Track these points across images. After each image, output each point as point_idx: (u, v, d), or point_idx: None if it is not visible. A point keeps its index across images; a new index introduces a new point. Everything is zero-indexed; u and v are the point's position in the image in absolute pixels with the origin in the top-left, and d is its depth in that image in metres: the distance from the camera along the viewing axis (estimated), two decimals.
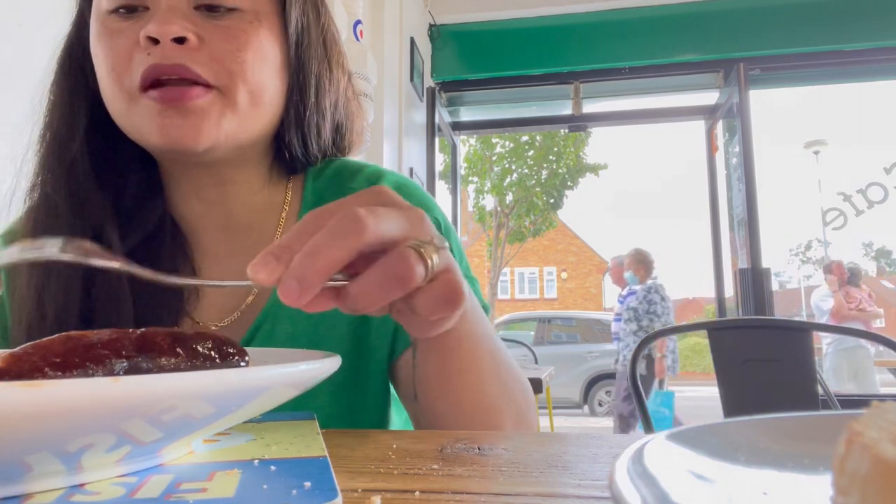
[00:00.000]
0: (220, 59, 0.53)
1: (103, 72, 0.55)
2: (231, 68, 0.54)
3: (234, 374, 0.26)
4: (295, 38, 0.60)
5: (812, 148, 18.17)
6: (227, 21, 0.54)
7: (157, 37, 0.51)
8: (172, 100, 0.51)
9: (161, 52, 0.51)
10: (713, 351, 1.66)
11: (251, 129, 0.58)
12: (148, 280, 0.34)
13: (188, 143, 0.53)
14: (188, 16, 0.53)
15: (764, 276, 3.25)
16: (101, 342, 0.31)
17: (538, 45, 3.69)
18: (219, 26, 0.54)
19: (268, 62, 0.57)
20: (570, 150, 14.07)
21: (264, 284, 0.32)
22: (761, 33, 3.46)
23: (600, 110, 4.21)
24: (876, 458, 0.15)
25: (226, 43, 0.54)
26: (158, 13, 0.52)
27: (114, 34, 0.54)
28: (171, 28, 0.50)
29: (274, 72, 0.58)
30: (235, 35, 0.54)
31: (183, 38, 0.51)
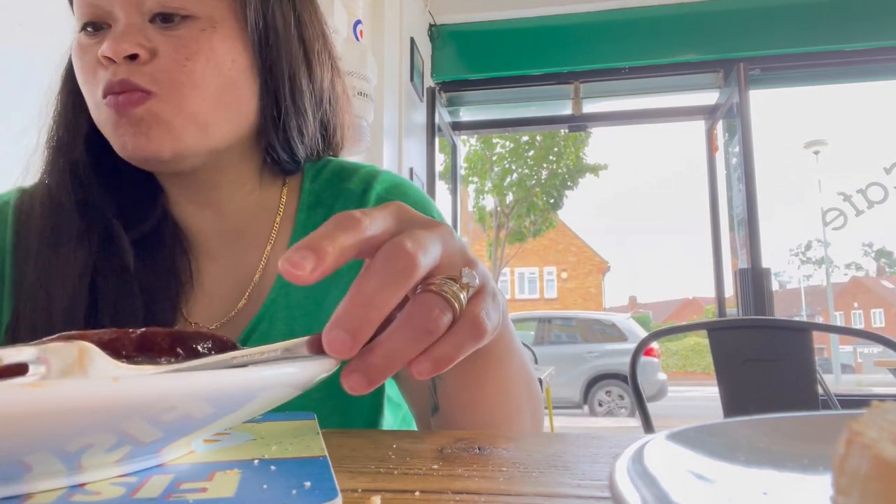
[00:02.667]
0: (167, 70, 0.54)
1: (81, 85, 0.58)
2: (178, 78, 0.54)
3: (234, 374, 0.26)
4: (257, 40, 0.59)
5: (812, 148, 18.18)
6: (180, 31, 0.55)
7: (110, 55, 0.53)
8: (117, 107, 0.54)
9: (115, 69, 0.54)
10: (713, 351, 1.66)
11: (218, 135, 0.58)
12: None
13: (147, 151, 0.54)
14: (143, 30, 0.55)
15: (764, 276, 3.25)
16: (102, 342, 0.31)
17: (538, 45, 3.69)
18: (171, 37, 0.55)
19: (224, 67, 0.57)
20: (570, 150, 14.07)
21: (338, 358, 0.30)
22: (761, 33, 3.46)
23: (600, 110, 4.22)
24: (876, 458, 0.15)
25: (175, 53, 0.55)
26: (113, 33, 0.54)
27: (83, 51, 0.56)
28: (120, 47, 0.53)
29: (238, 75, 0.58)
30: (186, 44, 0.55)
31: (135, 55, 0.53)
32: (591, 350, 9.53)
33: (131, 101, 0.53)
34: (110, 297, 0.58)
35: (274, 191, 0.66)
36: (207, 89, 0.56)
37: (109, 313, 0.57)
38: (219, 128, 0.57)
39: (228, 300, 0.62)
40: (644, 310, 35.08)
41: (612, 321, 10.19)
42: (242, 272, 0.63)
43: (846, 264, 35.99)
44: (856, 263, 36.28)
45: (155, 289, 0.59)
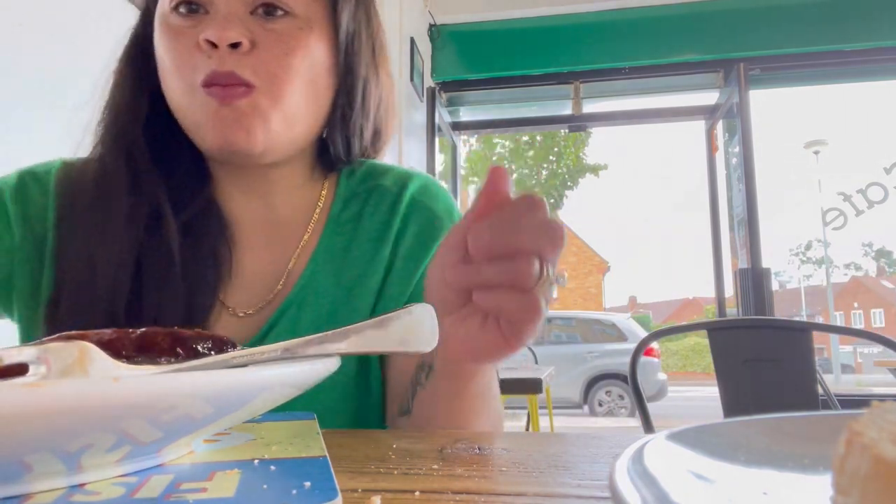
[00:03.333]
0: (268, 63, 0.56)
1: (166, 67, 0.57)
2: (276, 72, 0.56)
3: (234, 374, 0.26)
4: (345, 44, 0.62)
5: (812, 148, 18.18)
6: (279, 25, 0.57)
7: (215, 41, 0.54)
8: (222, 98, 0.55)
9: (218, 56, 0.54)
10: (713, 351, 1.66)
11: (298, 130, 0.60)
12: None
13: (240, 145, 0.56)
14: (244, 20, 0.56)
15: (764, 276, 3.25)
16: (102, 342, 0.31)
17: (538, 45, 3.69)
18: (272, 31, 0.57)
19: (315, 66, 0.59)
20: (570, 150, 14.08)
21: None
22: (761, 33, 3.46)
23: (600, 110, 4.22)
24: (876, 458, 0.15)
25: (275, 47, 0.56)
26: (217, 18, 0.55)
27: (176, 33, 0.56)
28: (228, 34, 0.54)
29: (321, 75, 0.60)
30: (286, 40, 0.57)
31: (238, 43, 0.55)
32: (591, 350, 9.52)
33: (236, 94, 0.55)
34: (153, 278, 0.58)
35: (316, 186, 0.69)
36: (300, 85, 0.58)
37: (152, 295, 0.57)
38: (302, 123, 0.60)
39: (265, 288, 0.63)
40: (644, 310, 35.08)
41: (612, 321, 10.18)
42: (279, 261, 0.64)
43: (846, 264, 36.00)
44: (855, 263, 36.27)
45: (196, 273, 0.60)
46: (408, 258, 0.65)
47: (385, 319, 0.34)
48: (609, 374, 9.15)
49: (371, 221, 0.66)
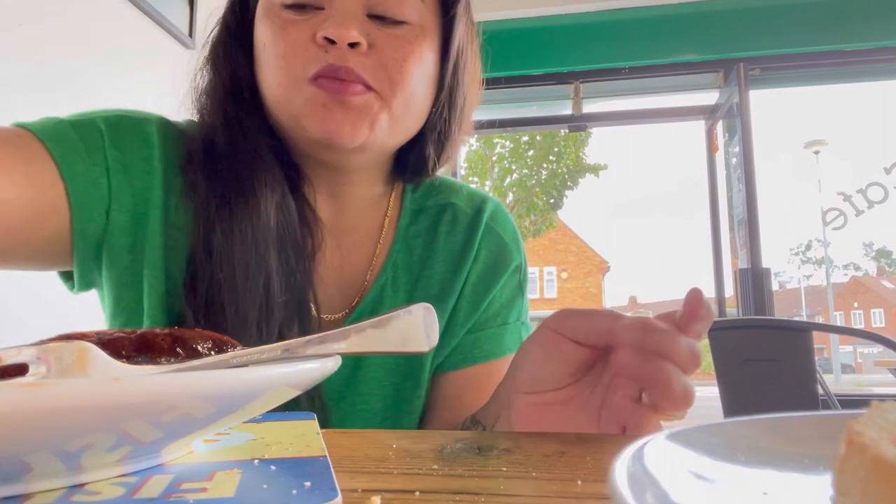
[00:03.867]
0: (385, 66, 0.56)
1: (271, 58, 0.57)
2: (393, 76, 0.57)
3: (234, 374, 0.26)
4: (455, 56, 0.62)
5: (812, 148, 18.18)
6: (396, 31, 0.58)
7: (335, 39, 0.54)
8: (336, 92, 0.54)
9: (337, 52, 0.54)
10: (713, 351, 1.66)
11: (399, 135, 0.61)
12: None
13: (343, 138, 0.55)
14: (362, 22, 0.56)
15: (764, 276, 3.25)
16: (102, 342, 0.31)
17: (538, 45, 3.69)
18: (389, 35, 0.57)
19: (425, 75, 0.60)
20: (570, 150, 14.07)
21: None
22: (761, 33, 3.46)
23: (600, 110, 4.21)
24: (876, 458, 0.15)
25: (393, 52, 0.57)
26: (336, 16, 0.55)
27: (288, 25, 0.56)
28: (350, 33, 0.54)
29: (428, 85, 0.61)
30: (402, 45, 0.57)
31: (356, 43, 0.55)
32: None
33: (353, 90, 0.55)
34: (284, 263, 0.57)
35: (385, 194, 0.69)
36: (410, 92, 0.58)
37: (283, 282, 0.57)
38: (402, 128, 0.60)
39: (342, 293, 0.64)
40: (644, 310, 35.08)
41: None
42: (348, 266, 0.66)
43: (846, 264, 36.00)
44: (855, 263, 36.27)
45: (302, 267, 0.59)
46: (477, 284, 0.66)
47: (385, 319, 0.34)
48: None
49: (447, 241, 0.67)
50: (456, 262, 0.66)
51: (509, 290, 0.68)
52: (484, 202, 0.70)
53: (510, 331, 0.67)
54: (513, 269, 0.69)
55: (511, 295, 0.68)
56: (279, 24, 0.57)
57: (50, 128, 0.54)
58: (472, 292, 0.66)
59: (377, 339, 0.34)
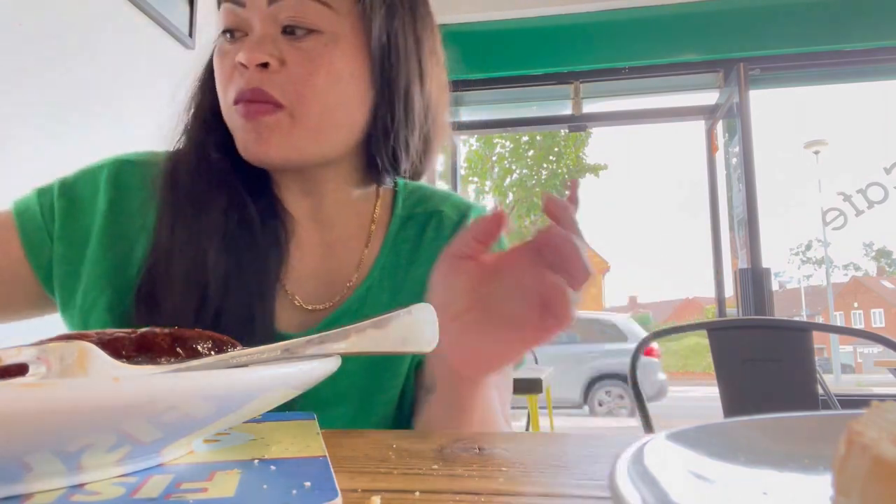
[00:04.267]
0: (294, 83, 0.59)
1: (217, 85, 0.63)
2: (302, 91, 0.59)
3: (234, 374, 0.26)
4: (378, 56, 0.63)
5: (812, 148, 18.18)
6: (306, 43, 0.60)
7: (245, 63, 0.58)
8: (246, 115, 0.59)
9: (249, 75, 0.59)
10: (713, 351, 1.66)
11: (326, 144, 0.62)
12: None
13: (261, 156, 0.60)
14: (276, 40, 0.59)
15: (764, 276, 3.25)
16: (102, 342, 0.31)
17: (538, 45, 3.69)
18: (299, 49, 0.59)
19: (342, 81, 0.61)
20: (570, 150, 14.07)
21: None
22: (761, 33, 3.46)
23: (600, 110, 4.21)
24: (876, 458, 0.15)
25: (300, 67, 0.59)
26: (249, 41, 0.60)
27: (223, 55, 0.62)
28: (255, 56, 0.58)
29: (355, 86, 0.62)
30: (312, 58, 0.59)
31: (266, 63, 0.58)
32: (591, 350, 9.51)
33: (261, 110, 0.58)
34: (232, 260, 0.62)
35: (368, 196, 0.71)
36: (327, 101, 0.60)
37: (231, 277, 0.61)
38: (332, 137, 0.62)
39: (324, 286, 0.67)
40: (644, 310, 35.06)
41: (612, 321, 10.17)
42: (333, 266, 0.68)
43: (846, 264, 35.98)
44: (855, 264, 36.25)
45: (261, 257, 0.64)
46: None
47: (385, 319, 0.34)
48: (609, 374, 9.14)
49: (433, 246, 0.69)
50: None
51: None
52: (469, 209, 0.72)
53: None
54: None
55: None
56: (218, 54, 0.63)
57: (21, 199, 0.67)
58: None
59: (377, 339, 0.34)
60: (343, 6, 0.61)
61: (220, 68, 0.62)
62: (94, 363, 0.29)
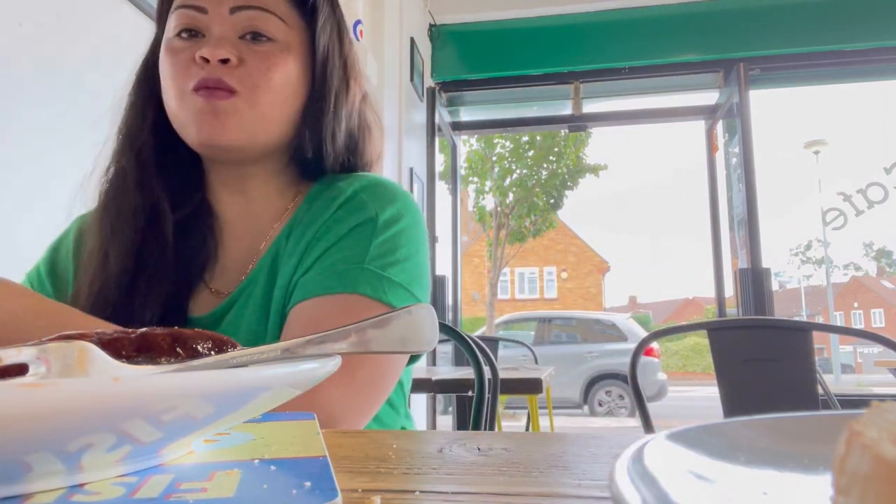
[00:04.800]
0: (251, 75, 0.69)
1: (166, 77, 0.71)
2: (258, 81, 0.70)
3: (234, 374, 0.26)
4: (320, 63, 0.76)
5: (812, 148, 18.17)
6: (263, 48, 0.71)
7: (208, 57, 0.68)
8: (207, 97, 0.67)
9: (210, 68, 0.68)
10: (713, 351, 1.66)
11: (271, 130, 0.72)
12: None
13: (216, 138, 0.68)
14: (234, 43, 0.70)
15: (764, 276, 3.25)
16: (102, 342, 0.31)
17: (538, 45, 3.69)
18: (257, 51, 0.71)
19: (291, 80, 0.73)
20: (570, 150, 14.07)
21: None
22: (761, 33, 3.46)
23: (600, 110, 4.22)
24: (876, 458, 0.15)
25: (258, 63, 0.70)
26: (211, 40, 0.70)
27: (177, 51, 0.70)
28: (219, 52, 0.68)
29: (296, 87, 0.74)
30: (268, 58, 0.71)
31: (227, 59, 0.68)
32: (591, 350, 9.52)
33: (219, 95, 0.68)
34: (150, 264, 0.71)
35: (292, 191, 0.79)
36: (277, 94, 0.71)
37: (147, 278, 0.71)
38: (276, 125, 0.72)
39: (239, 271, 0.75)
40: (644, 310, 35.05)
41: (612, 321, 10.18)
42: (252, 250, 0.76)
43: (846, 264, 35.97)
44: (855, 264, 36.24)
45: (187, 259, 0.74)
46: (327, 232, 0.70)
47: (385, 319, 0.34)
48: (609, 374, 9.14)
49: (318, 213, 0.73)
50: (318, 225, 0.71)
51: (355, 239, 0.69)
52: (363, 179, 0.75)
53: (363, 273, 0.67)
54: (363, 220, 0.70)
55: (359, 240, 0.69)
56: (171, 50, 0.71)
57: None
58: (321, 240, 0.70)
59: (377, 338, 0.34)
60: (293, 21, 0.74)
61: (172, 62, 0.70)
62: (94, 363, 0.29)
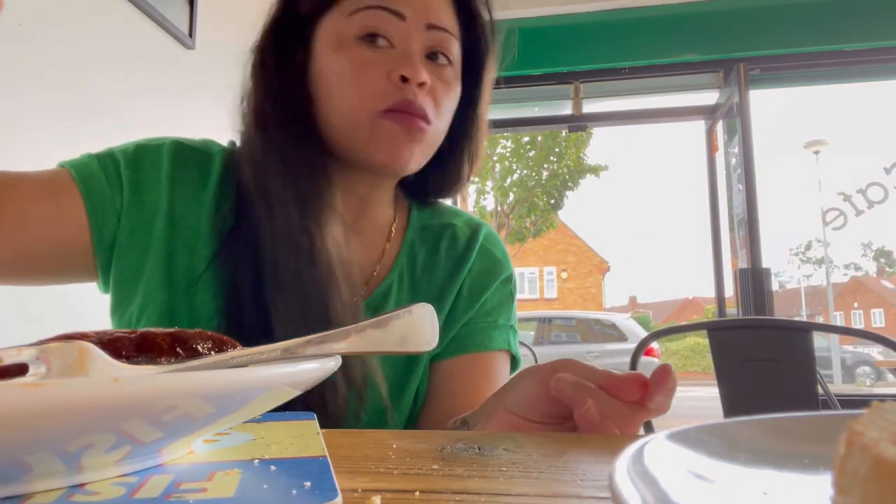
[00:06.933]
0: (439, 105, 0.67)
1: (346, 89, 0.64)
2: (443, 113, 0.68)
3: (234, 374, 0.26)
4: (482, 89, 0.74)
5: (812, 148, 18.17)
6: (444, 72, 0.68)
7: (409, 77, 0.63)
8: (409, 125, 0.64)
9: (409, 89, 0.63)
10: (713, 351, 1.66)
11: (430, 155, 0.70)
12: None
13: (401, 164, 0.65)
14: (423, 62, 0.66)
15: (764, 276, 3.25)
16: (102, 342, 0.31)
17: (538, 45, 3.69)
18: (440, 76, 0.67)
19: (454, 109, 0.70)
20: (570, 150, 14.07)
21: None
22: (761, 33, 3.46)
23: (600, 110, 4.21)
24: (876, 458, 0.15)
25: (443, 91, 0.67)
26: (406, 56, 0.64)
27: (365, 63, 0.64)
28: (423, 75, 0.63)
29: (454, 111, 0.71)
30: (449, 84, 0.68)
31: (424, 83, 0.64)
32: (591, 350, 9.52)
33: (418, 125, 0.64)
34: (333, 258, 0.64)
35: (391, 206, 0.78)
36: (445, 123, 0.69)
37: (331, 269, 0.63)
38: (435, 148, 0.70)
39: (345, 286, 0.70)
40: (644, 310, 35.04)
41: (612, 321, 10.18)
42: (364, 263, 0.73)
43: (846, 264, 35.95)
44: (855, 264, 36.23)
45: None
46: (473, 287, 0.76)
47: (385, 319, 0.34)
48: None
49: (448, 254, 0.76)
50: (454, 269, 0.76)
51: (501, 295, 0.78)
52: (480, 226, 0.80)
53: (500, 331, 0.76)
54: (504, 278, 0.79)
55: (501, 300, 0.78)
56: (357, 58, 0.64)
57: (77, 160, 0.65)
58: (468, 293, 0.75)
59: (377, 338, 0.34)
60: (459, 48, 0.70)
61: (363, 76, 0.64)
62: (94, 363, 0.29)
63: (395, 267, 0.74)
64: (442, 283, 0.75)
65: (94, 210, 0.62)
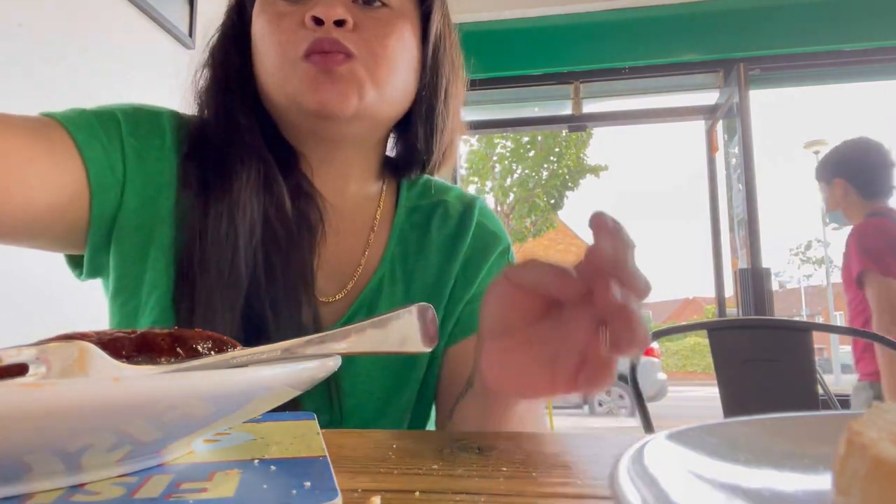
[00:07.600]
0: (369, 41, 0.61)
1: (268, 45, 0.62)
2: (376, 49, 0.62)
3: (234, 374, 0.26)
4: (433, 42, 0.68)
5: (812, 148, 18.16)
6: (378, 13, 0.63)
7: (322, 17, 0.59)
8: (323, 63, 0.59)
9: (324, 30, 0.60)
10: (713, 351, 1.66)
11: (386, 108, 0.65)
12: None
13: (334, 107, 0.60)
14: (347, 5, 0.61)
15: (764, 276, 3.25)
16: (102, 342, 0.31)
17: (538, 45, 3.69)
18: (371, 16, 0.63)
19: (406, 53, 0.64)
20: (570, 151, 14.07)
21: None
22: (761, 33, 3.46)
23: (600, 110, 4.21)
24: (876, 458, 0.15)
25: (375, 29, 0.62)
26: (322, 2, 0.60)
27: (282, 16, 0.62)
28: (335, 11, 0.59)
29: (411, 65, 0.66)
30: (384, 24, 0.63)
31: (342, 21, 0.60)
32: None
33: (336, 60, 0.60)
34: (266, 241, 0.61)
35: (376, 185, 0.73)
36: (393, 65, 0.63)
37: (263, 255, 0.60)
38: (390, 103, 0.65)
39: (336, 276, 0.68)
40: (644, 310, 34.97)
41: None
42: (349, 254, 0.69)
43: None
44: None
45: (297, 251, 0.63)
46: (469, 265, 0.72)
47: (385, 319, 0.34)
48: None
49: (440, 234, 0.72)
50: (449, 250, 0.71)
51: (499, 268, 0.73)
52: (473, 200, 0.76)
53: None
54: (501, 250, 0.74)
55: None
56: (274, 14, 0.62)
57: (74, 117, 0.59)
58: (464, 273, 0.71)
59: (377, 338, 0.34)
60: None
61: (278, 28, 0.61)
62: (94, 363, 0.29)
63: (384, 259, 0.69)
64: (438, 266, 0.71)
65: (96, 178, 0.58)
